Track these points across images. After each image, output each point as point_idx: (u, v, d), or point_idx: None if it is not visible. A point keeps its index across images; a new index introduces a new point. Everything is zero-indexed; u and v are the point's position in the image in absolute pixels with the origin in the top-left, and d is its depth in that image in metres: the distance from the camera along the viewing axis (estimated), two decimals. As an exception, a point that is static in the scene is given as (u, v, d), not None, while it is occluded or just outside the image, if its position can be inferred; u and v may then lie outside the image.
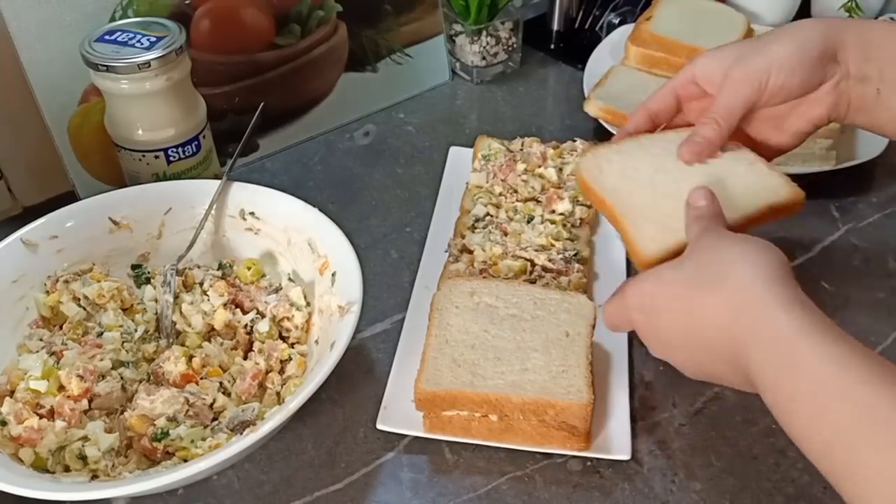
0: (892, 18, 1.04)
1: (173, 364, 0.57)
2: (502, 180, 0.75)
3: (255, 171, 0.83)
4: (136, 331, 0.61)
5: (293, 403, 0.50)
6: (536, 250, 0.67)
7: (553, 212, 0.72)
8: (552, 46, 1.02)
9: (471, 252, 0.68)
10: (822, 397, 0.41)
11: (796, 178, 0.58)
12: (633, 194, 0.58)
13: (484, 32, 0.92)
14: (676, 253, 0.53)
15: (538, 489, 0.55)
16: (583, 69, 0.92)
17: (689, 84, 0.61)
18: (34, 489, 0.47)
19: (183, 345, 0.60)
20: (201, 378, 0.58)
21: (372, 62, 0.89)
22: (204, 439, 0.53)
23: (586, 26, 1.03)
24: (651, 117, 0.63)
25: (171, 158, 0.69)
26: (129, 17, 0.72)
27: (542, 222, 0.71)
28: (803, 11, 1.03)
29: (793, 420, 0.43)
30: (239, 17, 0.79)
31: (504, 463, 0.56)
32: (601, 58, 0.94)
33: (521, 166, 0.75)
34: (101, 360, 0.57)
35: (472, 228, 0.71)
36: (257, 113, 0.72)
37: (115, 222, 0.65)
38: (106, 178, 0.76)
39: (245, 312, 0.62)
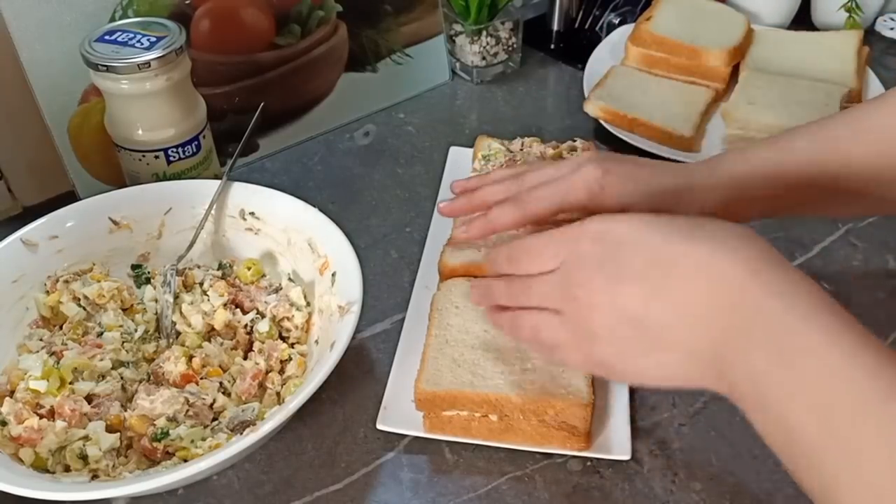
0: (892, 18, 1.04)
1: (173, 364, 0.57)
2: (502, 180, 0.75)
3: (255, 171, 0.83)
4: (136, 331, 0.61)
5: (293, 403, 0.50)
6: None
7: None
8: (552, 46, 1.02)
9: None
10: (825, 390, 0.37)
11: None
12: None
13: (484, 32, 0.92)
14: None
15: (538, 489, 0.55)
16: (583, 69, 0.92)
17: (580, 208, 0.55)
18: (34, 489, 0.47)
19: (183, 345, 0.60)
20: (201, 378, 0.58)
21: (372, 62, 0.89)
22: (204, 439, 0.53)
23: (586, 26, 1.03)
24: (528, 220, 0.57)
25: (171, 158, 0.69)
26: (129, 17, 0.72)
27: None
28: (803, 11, 1.03)
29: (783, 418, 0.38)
30: (239, 17, 0.79)
31: (504, 463, 0.56)
32: (601, 58, 0.94)
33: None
34: (101, 360, 0.57)
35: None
36: (257, 113, 0.72)
37: (115, 222, 0.65)
38: (106, 178, 0.76)
39: (245, 312, 0.62)
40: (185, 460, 0.52)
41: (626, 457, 0.55)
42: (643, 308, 0.44)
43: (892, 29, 1.03)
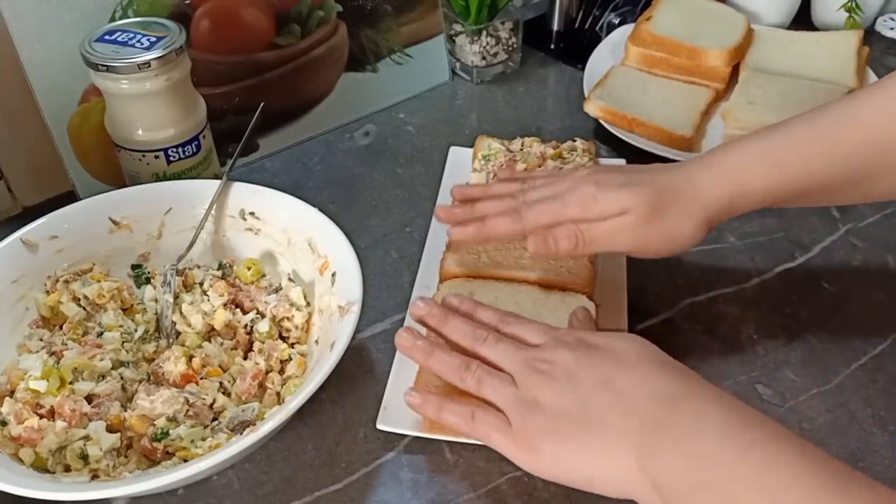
0: (892, 18, 1.04)
1: (173, 364, 0.57)
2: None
3: (255, 171, 0.83)
4: (136, 331, 0.61)
5: (293, 403, 0.50)
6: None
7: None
8: (552, 46, 1.02)
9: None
10: None
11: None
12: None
13: (484, 32, 0.92)
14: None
15: (538, 489, 0.55)
16: (583, 69, 0.92)
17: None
18: (34, 489, 0.47)
19: (183, 345, 0.60)
20: (201, 378, 0.58)
21: (372, 62, 0.89)
22: (204, 439, 0.53)
23: (586, 26, 1.03)
24: (524, 233, 0.60)
25: (171, 158, 0.69)
26: (129, 17, 0.72)
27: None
28: (803, 11, 1.03)
29: None
30: (239, 17, 0.79)
31: (504, 463, 0.56)
32: (601, 58, 0.94)
33: (521, 166, 0.75)
34: (101, 360, 0.57)
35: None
36: (257, 113, 0.72)
37: (115, 222, 0.65)
38: (106, 178, 0.76)
39: (245, 312, 0.62)
40: (185, 460, 0.52)
41: (626, 457, 0.55)
42: (592, 391, 0.47)
43: (892, 29, 1.03)
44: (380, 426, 0.57)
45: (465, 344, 0.53)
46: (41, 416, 0.54)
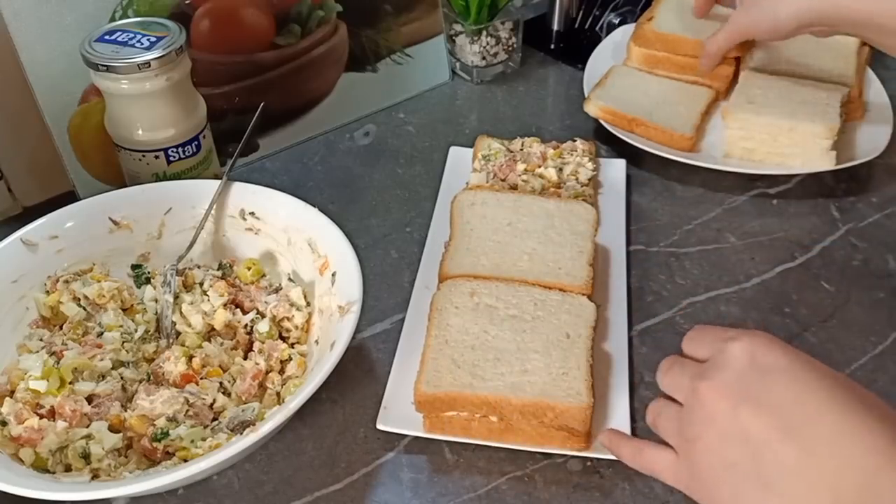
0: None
1: (173, 364, 0.57)
2: (502, 180, 0.75)
3: (255, 171, 0.83)
4: (136, 331, 0.61)
5: (293, 403, 0.50)
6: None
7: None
8: (552, 46, 1.02)
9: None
10: None
11: (796, 176, 0.58)
12: (473, 230, 0.68)
13: (484, 32, 0.92)
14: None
15: (538, 489, 0.55)
16: (583, 69, 0.92)
17: None
18: (34, 489, 0.47)
19: (183, 345, 0.60)
20: (201, 378, 0.58)
21: (372, 62, 0.89)
22: (204, 439, 0.53)
23: (586, 26, 1.03)
24: None
25: (171, 158, 0.69)
26: (129, 17, 0.72)
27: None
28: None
29: None
30: (239, 17, 0.79)
31: (504, 463, 0.56)
32: (601, 58, 0.94)
33: (521, 166, 0.75)
34: (101, 360, 0.57)
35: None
36: (257, 113, 0.72)
37: (115, 222, 0.65)
38: (106, 178, 0.76)
39: (245, 312, 0.62)
40: (185, 460, 0.52)
41: (626, 457, 0.55)
42: (768, 441, 0.38)
43: (892, 29, 1.03)
44: (380, 426, 0.57)
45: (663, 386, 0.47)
46: (41, 416, 0.54)
